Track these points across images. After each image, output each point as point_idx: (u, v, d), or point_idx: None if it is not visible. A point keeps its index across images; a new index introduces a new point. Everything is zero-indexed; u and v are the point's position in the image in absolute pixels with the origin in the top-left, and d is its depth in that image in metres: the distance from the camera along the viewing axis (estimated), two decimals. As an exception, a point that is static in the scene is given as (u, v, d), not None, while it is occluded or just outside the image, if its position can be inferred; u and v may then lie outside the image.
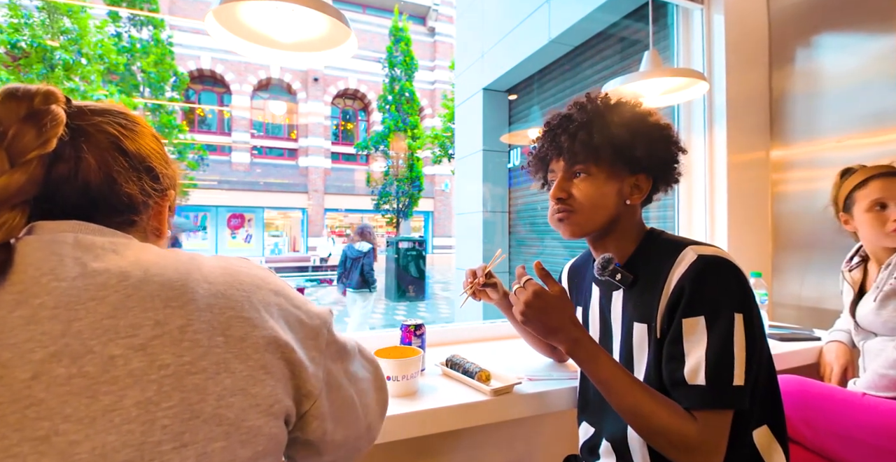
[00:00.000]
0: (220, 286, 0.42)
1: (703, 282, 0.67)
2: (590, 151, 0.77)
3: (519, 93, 3.95)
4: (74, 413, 0.33)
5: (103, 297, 0.37)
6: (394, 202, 13.57)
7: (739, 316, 0.65)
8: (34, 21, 7.55)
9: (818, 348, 1.33)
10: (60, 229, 0.41)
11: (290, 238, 15.94)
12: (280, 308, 0.45)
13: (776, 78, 1.75)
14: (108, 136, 0.46)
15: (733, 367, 0.64)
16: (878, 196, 1.12)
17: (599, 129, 0.77)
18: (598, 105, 0.80)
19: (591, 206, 0.78)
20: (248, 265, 0.47)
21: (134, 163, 0.48)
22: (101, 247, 0.41)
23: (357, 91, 16.79)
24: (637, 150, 0.77)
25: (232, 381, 0.39)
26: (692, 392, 0.65)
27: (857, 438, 1.01)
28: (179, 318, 0.38)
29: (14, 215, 0.39)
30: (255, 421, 0.39)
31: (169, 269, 0.41)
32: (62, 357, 0.34)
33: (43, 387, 0.33)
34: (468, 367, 1.01)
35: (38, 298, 0.36)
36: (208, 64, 14.24)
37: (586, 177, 0.79)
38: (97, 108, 0.48)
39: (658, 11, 2.04)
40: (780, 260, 1.74)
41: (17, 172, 0.39)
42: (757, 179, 1.76)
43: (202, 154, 11.76)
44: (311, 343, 0.46)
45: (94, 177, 0.44)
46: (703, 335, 0.65)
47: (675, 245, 0.74)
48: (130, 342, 0.36)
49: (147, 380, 0.36)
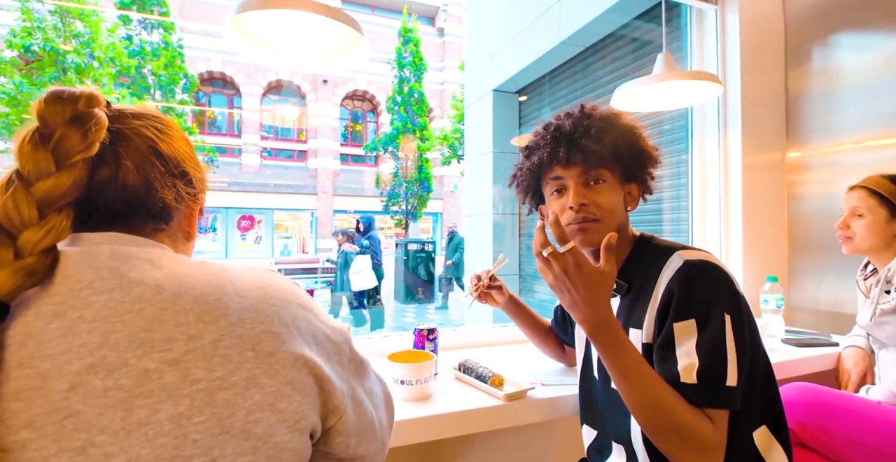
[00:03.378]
0: (251, 300, 0.42)
1: (691, 285, 0.68)
2: (606, 157, 0.78)
3: (529, 94, 3.94)
4: (110, 425, 0.34)
5: (139, 309, 0.38)
6: (403, 204, 13.58)
7: (728, 317, 0.66)
8: (47, 25, 7.67)
9: (836, 354, 1.31)
10: (97, 241, 0.42)
11: (300, 240, 16.02)
12: (307, 322, 0.46)
13: (792, 78, 1.73)
14: (145, 140, 0.47)
15: (726, 367, 0.64)
16: (841, 206, 1.24)
17: (610, 137, 0.78)
18: (602, 113, 0.82)
19: (611, 212, 0.78)
20: (277, 278, 0.48)
21: (169, 167, 0.48)
22: (136, 257, 0.42)
23: (366, 92, 16.84)
24: (636, 160, 0.81)
25: (261, 396, 0.39)
26: (688, 390, 0.64)
27: (872, 446, 1.01)
28: (212, 333, 0.39)
29: (61, 218, 0.40)
30: (283, 436, 0.40)
31: (202, 283, 0.41)
32: (99, 369, 0.35)
33: (80, 398, 0.34)
34: (481, 371, 1.00)
35: (77, 311, 0.37)
36: (218, 66, 14.37)
37: (604, 183, 0.79)
38: (135, 111, 0.49)
39: (671, 12, 2.02)
40: (797, 263, 1.72)
41: (63, 175, 0.40)
42: (772, 181, 1.74)
43: (212, 156, 11.86)
44: (335, 358, 0.47)
45: (133, 181, 0.45)
46: (693, 337, 0.66)
47: (663, 250, 0.76)
48: (165, 356, 0.37)
49: (180, 394, 0.36)
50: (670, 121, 2.13)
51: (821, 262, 1.64)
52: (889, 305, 1.07)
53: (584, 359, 0.90)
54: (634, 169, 0.81)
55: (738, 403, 0.64)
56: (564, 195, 0.80)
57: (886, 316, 1.08)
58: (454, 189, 16.96)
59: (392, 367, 0.93)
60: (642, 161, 0.82)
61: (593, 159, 0.77)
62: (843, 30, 1.58)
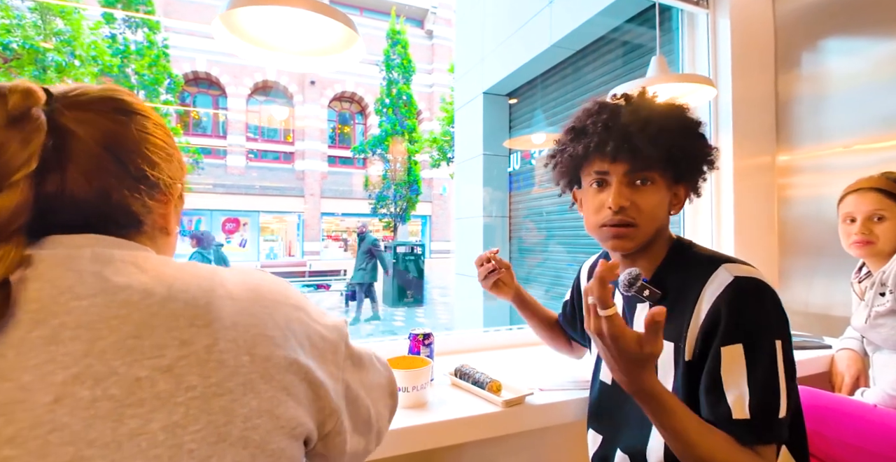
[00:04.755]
0: (244, 303, 0.40)
1: (741, 306, 0.63)
2: (659, 156, 0.69)
3: (520, 97, 3.94)
4: (100, 437, 0.32)
5: (126, 315, 0.35)
6: (391, 206, 13.55)
7: (779, 343, 0.62)
8: (26, 22, 7.49)
9: (828, 357, 1.31)
10: (76, 244, 0.39)
11: (286, 243, 15.85)
12: (301, 323, 0.44)
13: (782, 82, 1.74)
14: (96, 139, 0.40)
15: (779, 398, 0.60)
16: (848, 210, 1.19)
17: (668, 135, 0.69)
18: (663, 107, 0.73)
19: (652, 218, 0.71)
20: (268, 278, 0.45)
21: (129, 168, 0.42)
22: (120, 260, 0.39)
23: (354, 94, 16.78)
24: (692, 162, 0.72)
25: (258, 402, 0.37)
26: (738, 427, 0.60)
27: (868, 450, 1.01)
28: (206, 337, 0.37)
29: (8, 249, 0.35)
30: (280, 443, 0.38)
31: (192, 286, 0.39)
32: (85, 379, 0.33)
33: (66, 410, 0.32)
34: (478, 377, 0.99)
35: (58, 318, 0.34)
36: (204, 66, 14.19)
37: (651, 185, 0.71)
38: (84, 99, 0.42)
39: (662, 15, 2.03)
40: (787, 266, 1.73)
41: (3, 197, 0.35)
42: (763, 184, 1.75)
43: (197, 157, 11.70)
44: (330, 358, 0.45)
45: (83, 193, 0.40)
46: (742, 365, 0.61)
47: (706, 260, 0.70)
48: (156, 363, 0.35)
49: (174, 402, 0.34)
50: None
51: (811, 265, 1.65)
52: (884, 308, 1.07)
53: (597, 360, 0.88)
54: (687, 171, 0.73)
55: (787, 434, 0.61)
56: (605, 190, 0.73)
57: (881, 318, 1.08)
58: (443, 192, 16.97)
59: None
60: (698, 164, 0.74)
61: (645, 159, 0.69)
62: (832, 35, 1.60)
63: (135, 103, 0.45)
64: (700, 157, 0.74)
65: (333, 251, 16.44)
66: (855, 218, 1.17)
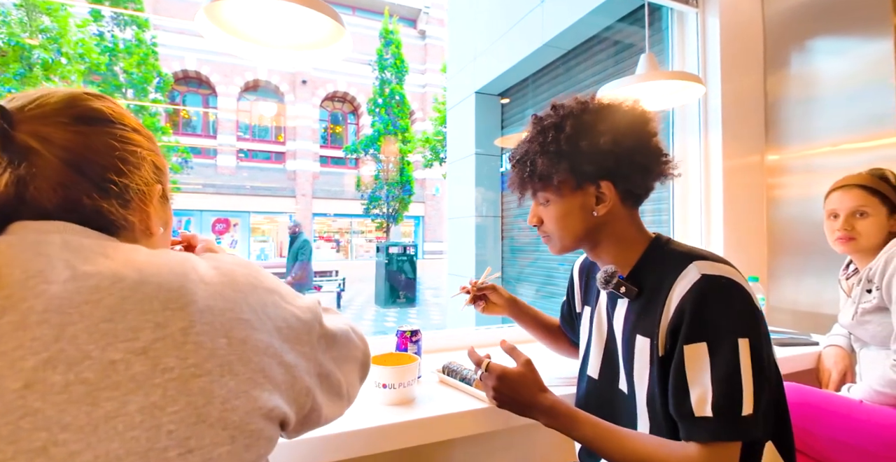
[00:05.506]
0: (217, 287, 0.41)
1: (704, 305, 0.64)
2: (539, 180, 0.77)
3: (512, 96, 3.95)
4: (74, 421, 0.32)
5: (98, 300, 0.35)
6: (384, 207, 13.51)
7: (745, 341, 0.62)
8: (11, 19, 7.37)
9: (816, 353, 1.32)
10: (45, 230, 0.39)
11: (277, 243, 15.75)
12: (276, 306, 0.44)
13: (771, 82, 1.76)
14: (57, 155, 0.40)
15: (742, 396, 0.61)
16: (832, 207, 1.20)
17: (541, 156, 0.76)
18: (534, 131, 0.79)
19: (560, 229, 0.79)
20: (240, 263, 0.46)
21: (94, 180, 0.42)
22: (89, 249, 0.38)
23: (346, 94, 16.73)
24: (581, 164, 0.73)
25: (235, 383, 0.38)
26: (699, 424, 0.62)
27: (856, 446, 1.01)
28: (180, 320, 0.37)
29: None
30: (258, 424, 0.39)
31: (164, 270, 0.39)
32: (57, 364, 0.33)
33: (37, 396, 0.32)
34: (466, 374, 0.98)
35: (26, 302, 0.34)
36: (193, 65, 14.07)
37: (547, 203, 0.79)
38: (42, 111, 0.41)
39: (652, 15, 2.04)
40: (776, 264, 1.74)
41: None
42: (752, 184, 1.76)
43: (186, 157, 11.58)
44: (304, 338, 0.46)
45: (51, 202, 0.40)
46: (706, 363, 0.63)
47: (680, 257, 0.70)
48: (131, 346, 0.35)
49: (151, 384, 0.34)
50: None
51: (799, 263, 1.67)
52: (870, 304, 1.08)
53: (584, 356, 0.88)
54: (581, 174, 0.74)
55: (759, 432, 0.61)
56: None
57: (868, 315, 1.09)
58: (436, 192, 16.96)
59: (374, 370, 0.89)
60: (582, 165, 0.73)
61: (525, 187, 0.80)
62: (821, 35, 1.62)
63: (102, 108, 0.44)
64: (580, 156, 0.73)
65: (325, 252, 16.36)
66: (838, 214, 1.18)
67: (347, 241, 17.09)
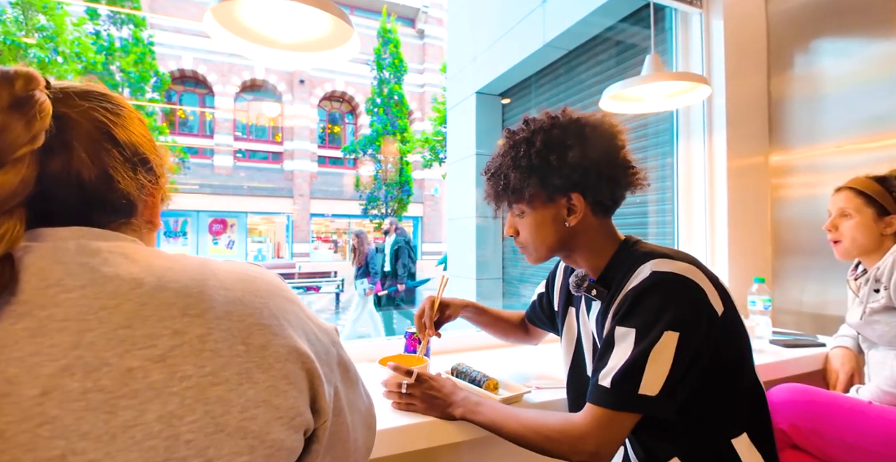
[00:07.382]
0: (237, 293, 0.40)
1: (645, 296, 0.69)
2: (512, 193, 0.80)
3: (513, 97, 3.94)
4: (92, 430, 0.31)
5: (116, 305, 0.35)
6: (382, 207, 13.49)
7: (673, 334, 0.66)
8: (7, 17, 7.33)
9: (823, 354, 1.32)
10: (61, 236, 0.38)
11: (275, 244, 15.69)
12: (296, 316, 0.44)
13: (775, 83, 1.76)
14: (97, 125, 0.42)
15: (641, 377, 0.65)
16: (828, 208, 1.23)
17: (513, 171, 0.79)
18: (507, 145, 0.82)
19: (535, 239, 0.82)
20: (261, 271, 0.45)
21: (127, 154, 0.44)
22: (108, 251, 0.38)
23: (344, 93, 16.66)
24: (551, 178, 0.76)
25: (255, 391, 0.37)
26: (596, 389, 0.69)
27: (864, 447, 1.01)
28: (199, 326, 0.36)
29: (13, 223, 0.36)
30: (279, 434, 0.38)
31: (184, 276, 0.38)
32: (75, 371, 0.32)
33: (55, 403, 0.31)
34: (475, 375, 0.98)
35: (45, 310, 0.34)
36: (190, 64, 13.99)
37: (522, 215, 0.82)
38: (80, 89, 0.43)
39: (656, 15, 2.04)
40: (781, 265, 1.74)
41: (9, 172, 0.35)
42: (757, 185, 1.76)
43: (183, 157, 11.54)
44: (323, 358, 0.44)
45: (89, 173, 0.41)
46: (629, 347, 0.67)
47: (640, 257, 0.75)
48: (149, 353, 0.34)
49: (168, 392, 0.34)
50: (655, 124, 2.15)
51: (805, 265, 1.67)
52: (878, 304, 1.08)
53: (574, 356, 0.89)
54: (552, 187, 0.77)
55: (663, 412, 0.66)
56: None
57: (876, 314, 1.09)
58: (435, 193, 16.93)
59: (384, 372, 0.88)
60: (552, 179, 0.76)
61: (500, 200, 0.83)
62: (825, 35, 1.62)
63: (121, 100, 0.47)
64: (548, 172, 0.77)
65: (323, 253, 16.30)
66: (831, 215, 1.21)
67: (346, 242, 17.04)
